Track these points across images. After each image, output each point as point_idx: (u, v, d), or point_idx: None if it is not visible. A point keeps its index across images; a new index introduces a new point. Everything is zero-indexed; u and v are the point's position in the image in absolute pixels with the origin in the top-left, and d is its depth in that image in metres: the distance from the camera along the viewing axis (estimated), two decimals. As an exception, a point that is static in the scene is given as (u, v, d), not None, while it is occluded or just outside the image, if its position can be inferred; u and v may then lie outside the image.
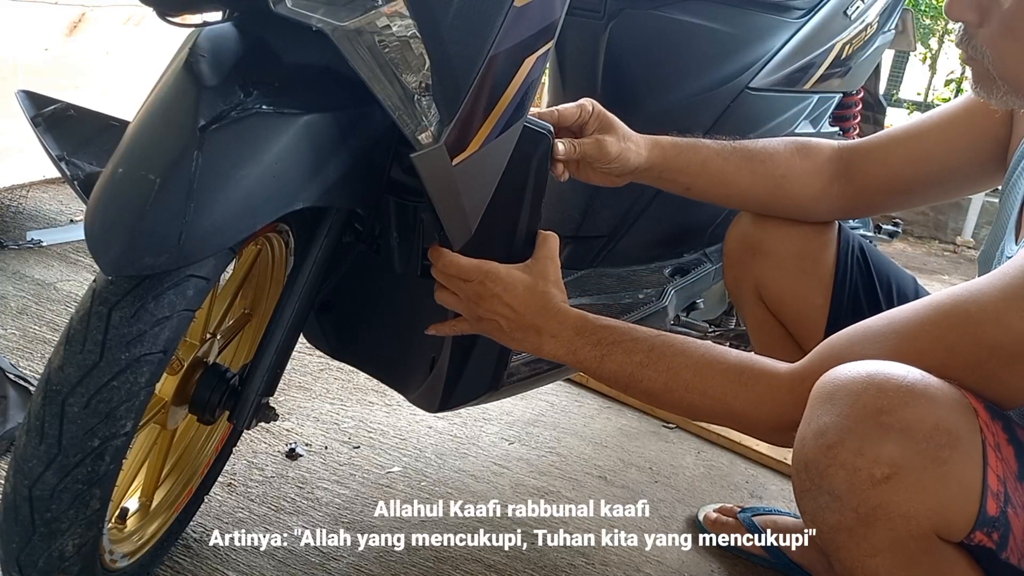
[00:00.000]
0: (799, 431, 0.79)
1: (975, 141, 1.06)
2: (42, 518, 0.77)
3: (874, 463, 0.72)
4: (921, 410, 0.73)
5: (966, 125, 1.07)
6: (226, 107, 0.77)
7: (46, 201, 2.51)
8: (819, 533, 0.79)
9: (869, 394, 0.74)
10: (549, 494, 1.44)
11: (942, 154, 1.09)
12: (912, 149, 1.11)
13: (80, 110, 0.99)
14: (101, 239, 0.74)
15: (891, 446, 0.72)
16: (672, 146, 1.13)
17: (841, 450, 0.74)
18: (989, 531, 0.74)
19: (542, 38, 0.89)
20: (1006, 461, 0.75)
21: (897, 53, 4.63)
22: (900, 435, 0.72)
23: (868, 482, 0.73)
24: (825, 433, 0.75)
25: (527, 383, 1.22)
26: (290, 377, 1.67)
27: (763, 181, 1.15)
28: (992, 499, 0.73)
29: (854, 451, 0.73)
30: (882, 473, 0.72)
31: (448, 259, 0.94)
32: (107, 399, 0.76)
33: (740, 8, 1.44)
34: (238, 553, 1.15)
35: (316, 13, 0.74)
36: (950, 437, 0.72)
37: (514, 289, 0.95)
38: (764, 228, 1.22)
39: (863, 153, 1.15)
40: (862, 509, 0.73)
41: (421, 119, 0.79)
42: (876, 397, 0.73)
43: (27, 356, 1.56)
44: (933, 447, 0.72)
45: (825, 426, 0.75)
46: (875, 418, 0.73)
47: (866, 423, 0.73)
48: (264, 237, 1.00)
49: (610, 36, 1.41)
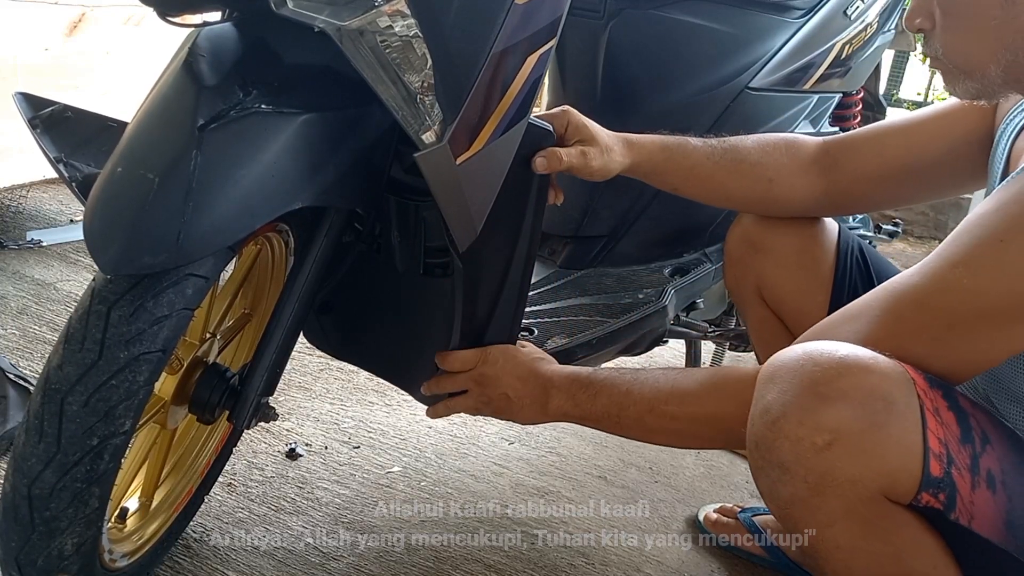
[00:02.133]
0: (749, 414, 0.83)
1: (960, 140, 1.08)
2: (41, 517, 0.77)
3: (815, 431, 0.76)
4: (855, 379, 0.77)
5: (952, 124, 1.09)
6: (225, 107, 0.77)
7: (46, 201, 2.51)
8: (777, 511, 0.83)
9: (806, 369, 0.78)
10: (549, 494, 1.44)
11: (928, 150, 1.12)
12: (900, 143, 1.13)
13: (77, 111, 0.99)
14: (100, 238, 0.74)
15: (829, 413, 0.76)
16: (660, 149, 1.15)
17: (784, 423, 0.78)
18: (935, 492, 0.77)
19: (545, 35, 0.89)
20: (947, 425, 0.78)
21: (897, 53, 4.63)
22: (837, 402, 0.76)
23: (811, 450, 0.76)
24: (769, 410, 0.79)
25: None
26: (290, 377, 1.67)
27: (752, 184, 1.18)
28: (935, 460, 0.76)
29: (796, 422, 0.77)
30: (823, 440, 0.76)
31: (452, 357, 1.05)
32: (106, 398, 0.76)
33: (740, 8, 1.43)
34: (238, 553, 1.15)
35: (317, 13, 0.74)
36: (885, 402, 0.76)
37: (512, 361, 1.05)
38: (765, 226, 1.24)
39: (849, 146, 1.18)
40: (810, 478, 0.77)
41: (424, 118, 0.79)
42: (812, 371, 0.78)
43: (27, 356, 1.56)
44: (870, 412, 0.76)
45: (769, 403, 0.79)
46: (812, 389, 0.77)
47: (804, 395, 0.77)
48: (264, 237, 1.00)
49: (610, 36, 1.41)
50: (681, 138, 1.17)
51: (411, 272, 1.06)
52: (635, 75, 1.44)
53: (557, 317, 1.31)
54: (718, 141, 1.18)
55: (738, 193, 1.19)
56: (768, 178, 1.17)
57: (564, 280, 1.44)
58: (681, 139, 1.17)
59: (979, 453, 0.79)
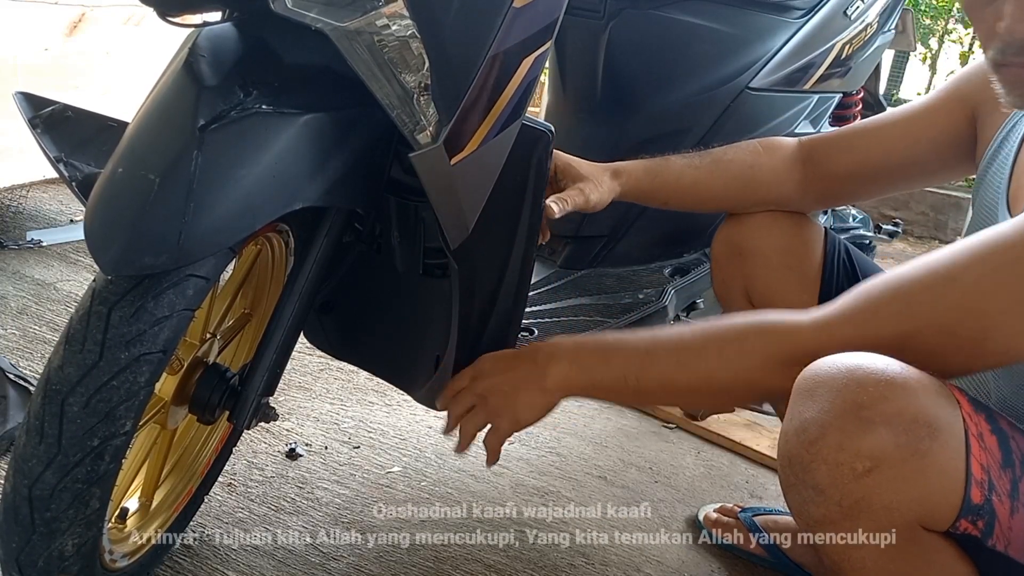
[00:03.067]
0: (783, 427, 0.81)
1: (937, 136, 1.11)
2: (42, 518, 0.77)
3: (855, 457, 0.74)
4: (900, 403, 0.74)
5: (927, 121, 1.12)
6: (226, 107, 0.77)
7: (46, 201, 2.51)
8: (806, 527, 0.81)
9: (849, 389, 0.75)
10: (549, 494, 1.44)
11: (904, 146, 1.14)
12: (875, 140, 1.16)
13: (78, 111, 0.99)
14: (101, 239, 0.74)
15: (871, 440, 0.73)
16: (644, 171, 1.18)
17: (823, 445, 0.75)
18: (974, 519, 0.75)
19: (541, 38, 0.89)
20: (989, 450, 0.76)
21: (897, 53, 4.63)
22: (880, 428, 0.73)
23: (850, 476, 0.74)
24: (807, 429, 0.76)
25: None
26: (290, 377, 1.67)
27: (735, 178, 1.20)
28: (976, 487, 0.74)
29: (835, 446, 0.74)
30: (863, 467, 0.73)
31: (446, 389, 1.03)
32: (107, 399, 0.76)
33: (740, 8, 1.44)
34: (238, 553, 1.15)
35: (316, 13, 0.74)
36: (930, 429, 0.73)
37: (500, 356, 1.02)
38: (748, 227, 1.24)
39: (827, 143, 1.21)
40: (845, 502, 0.75)
41: (420, 119, 0.79)
42: (856, 392, 0.75)
43: (27, 356, 1.56)
44: (913, 439, 0.73)
45: (807, 422, 0.76)
46: (855, 412, 0.74)
47: (846, 418, 0.74)
48: (264, 237, 1.00)
49: (610, 36, 1.41)
50: (662, 157, 1.20)
51: (411, 272, 1.06)
52: (635, 75, 1.45)
53: (557, 317, 1.31)
54: (696, 153, 1.21)
55: (724, 190, 1.21)
56: (749, 166, 1.20)
57: (564, 280, 1.44)
58: (662, 158, 1.20)
59: (1019, 477, 0.76)
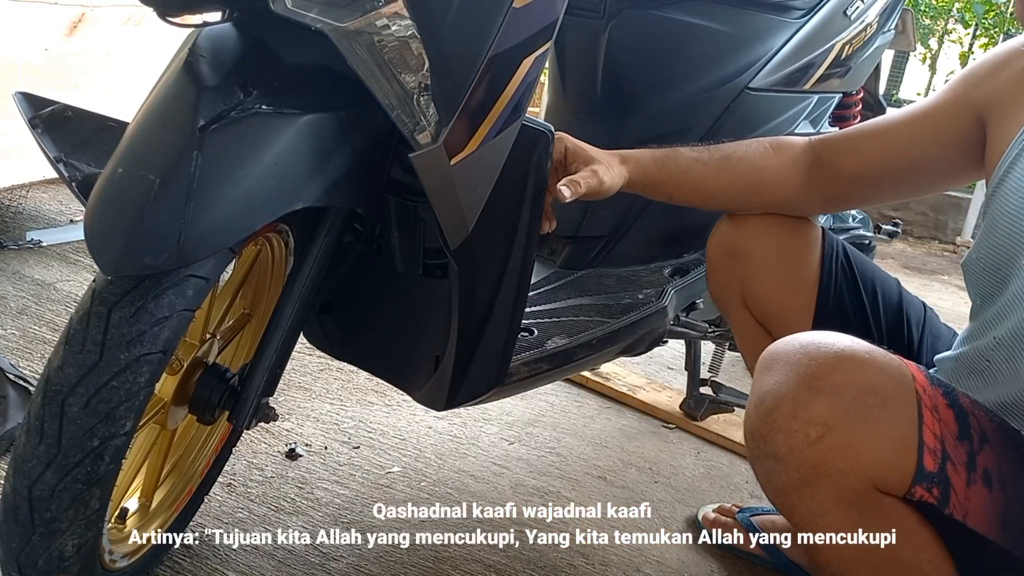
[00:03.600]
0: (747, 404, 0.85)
1: (943, 139, 1.08)
2: (42, 518, 0.77)
3: (807, 424, 0.78)
4: (849, 374, 0.78)
5: (933, 123, 1.10)
6: (226, 107, 0.77)
7: (46, 201, 2.51)
8: (773, 498, 0.85)
9: (802, 363, 0.80)
10: (549, 494, 1.44)
11: (910, 149, 1.12)
12: (881, 143, 1.14)
13: (78, 111, 0.99)
14: (101, 239, 0.74)
15: (821, 407, 0.77)
16: (652, 161, 1.16)
17: (778, 415, 0.79)
18: (929, 486, 0.78)
19: (541, 38, 0.89)
20: (944, 422, 0.79)
21: (897, 53, 4.64)
22: (829, 397, 0.77)
23: (804, 442, 0.78)
24: (764, 401, 0.81)
25: (527, 383, 1.22)
26: (290, 377, 1.67)
27: (742, 178, 1.18)
28: (929, 455, 0.77)
29: (789, 415, 0.79)
30: (816, 433, 0.77)
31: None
32: (107, 399, 0.76)
33: (740, 8, 1.44)
34: (238, 553, 1.15)
35: (315, 13, 0.74)
36: (879, 397, 0.78)
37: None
38: (744, 229, 1.22)
39: (834, 145, 1.19)
40: (803, 468, 0.79)
41: (419, 119, 0.79)
42: (808, 364, 0.79)
43: (27, 356, 1.56)
44: (862, 407, 0.77)
45: (764, 395, 0.81)
46: (807, 383, 0.79)
47: (799, 388, 0.79)
48: (264, 237, 1.00)
49: (610, 36, 1.41)
50: (670, 148, 1.18)
51: (411, 272, 1.06)
52: (635, 75, 1.44)
53: (557, 317, 1.31)
54: (705, 147, 1.19)
55: (730, 189, 1.19)
56: (758, 167, 1.18)
57: (564, 280, 1.44)
58: (671, 149, 1.18)
59: (976, 451, 0.80)
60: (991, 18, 5.37)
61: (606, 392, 1.90)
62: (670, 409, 1.84)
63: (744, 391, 1.78)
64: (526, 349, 1.19)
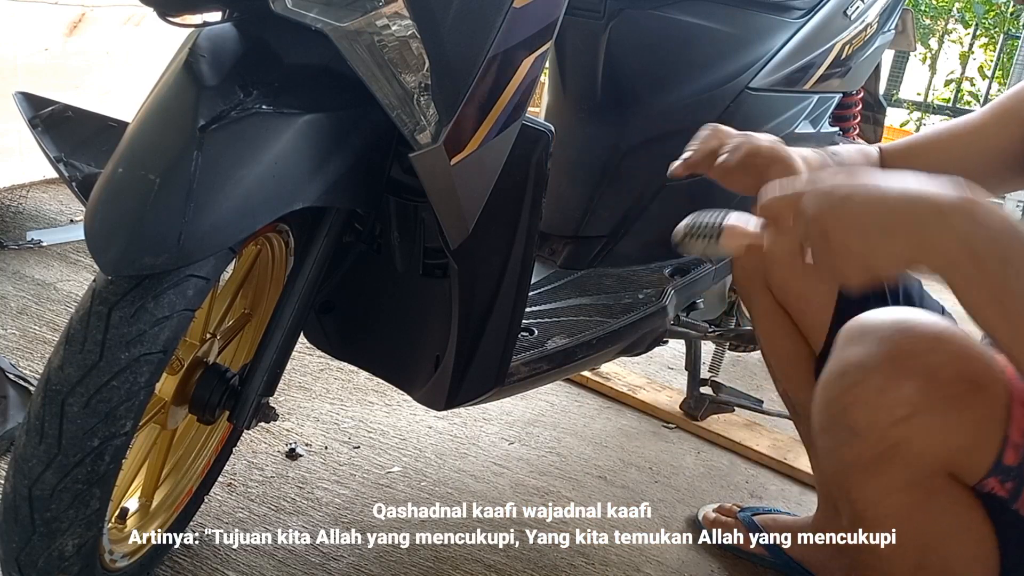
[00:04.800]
0: (823, 375, 0.81)
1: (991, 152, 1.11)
2: (42, 518, 0.77)
3: (896, 402, 0.75)
4: (947, 356, 0.76)
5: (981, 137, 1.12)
6: (226, 107, 0.77)
7: (46, 201, 2.51)
8: (833, 472, 0.82)
9: (896, 338, 0.77)
10: (549, 494, 1.44)
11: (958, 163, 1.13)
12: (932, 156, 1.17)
13: (78, 111, 0.99)
14: (101, 239, 0.74)
15: (913, 387, 0.75)
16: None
17: (864, 388, 0.77)
18: (1003, 479, 0.76)
19: (541, 38, 0.89)
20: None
21: (897, 53, 4.63)
22: (923, 377, 0.75)
23: (888, 419, 0.76)
24: (849, 372, 0.78)
25: (527, 383, 1.22)
26: (290, 377, 1.67)
27: None
28: (1011, 449, 0.75)
29: (876, 389, 0.76)
30: (903, 412, 0.75)
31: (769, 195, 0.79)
32: (107, 399, 0.76)
33: (740, 8, 1.44)
34: (238, 553, 1.15)
35: (316, 13, 0.74)
36: (972, 385, 0.75)
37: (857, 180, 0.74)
38: None
39: (896, 154, 1.22)
40: (880, 446, 0.77)
41: (419, 119, 0.79)
42: (903, 340, 0.77)
43: (27, 356, 1.56)
44: (956, 392, 0.75)
45: (850, 365, 0.78)
46: (901, 360, 0.76)
47: (892, 363, 0.76)
48: (264, 237, 1.00)
49: (610, 36, 1.41)
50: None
51: (411, 272, 1.06)
52: (635, 75, 1.44)
53: (557, 317, 1.31)
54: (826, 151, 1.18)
55: None
56: None
57: (564, 280, 1.44)
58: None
59: None
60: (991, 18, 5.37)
61: (606, 392, 1.90)
62: (670, 409, 1.84)
63: (744, 391, 1.78)
64: (526, 349, 1.19)
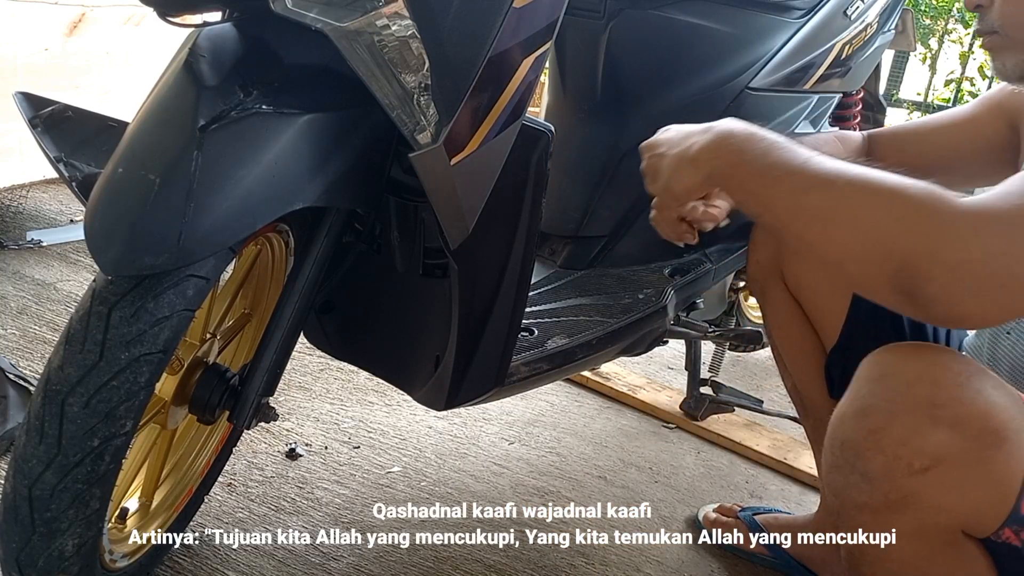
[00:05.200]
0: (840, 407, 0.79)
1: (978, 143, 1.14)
2: (42, 518, 0.77)
3: (916, 453, 0.73)
4: (974, 408, 0.73)
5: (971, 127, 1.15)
6: (226, 107, 0.77)
7: (46, 201, 2.51)
8: (841, 508, 0.80)
9: (923, 384, 0.74)
10: (549, 494, 1.44)
11: (947, 152, 1.18)
12: (923, 145, 1.20)
13: (78, 111, 0.99)
14: (101, 239, 0.74)
15: (937, 440, 0.72)
16: None
17: (884, 435, 0.74)
18: (1018, 529, 0.74)
19: (541, 38, 0.89)
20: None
21: (897, 53, 4.63)
22: (948, 430, 0.72)
23: (906, 471, 0.73)
24: (870, 415, 0.75)
25: (527, 383, 1.22)
26: (290, 377, 1.67)
27: None
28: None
29: (898, 439, 0.73)
30: (922, 464, 0.73)
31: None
32: (107, 399, 0.76)
33: (740, 8, 1.44)
34: (238, 553, 1.15)
35: (316, 13, 0.74)
36: (997, 437, 0.72)
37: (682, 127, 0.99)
38: None
39: (884, 141, 1.24)
40: (893, 495, 0.74)
41: (419, 119, 0.79)
42: (930, 388, 0.74)
43: (27, 356, 1.56)
44: (979, 446, 0.72)
45: (871, 408, 0.75)
46: (926, 410, 0.73)
47: (916, 413, 0.73)
48: (264, 237, 1.00)
49: (610, 36, 1.41)
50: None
51: (410, 272, 1.06)
52: (635, 75, 1.44)
53: (557, 317, 1.31)
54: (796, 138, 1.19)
55: None
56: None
57: (564, 280, 1.44)
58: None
59: None
60: (991, 18, 5.35)
61: (606, 392, 1.90)
62: (670, 409, 1.84)
63: (744, 391, 1.78)
64: (526, 349, 1.19)
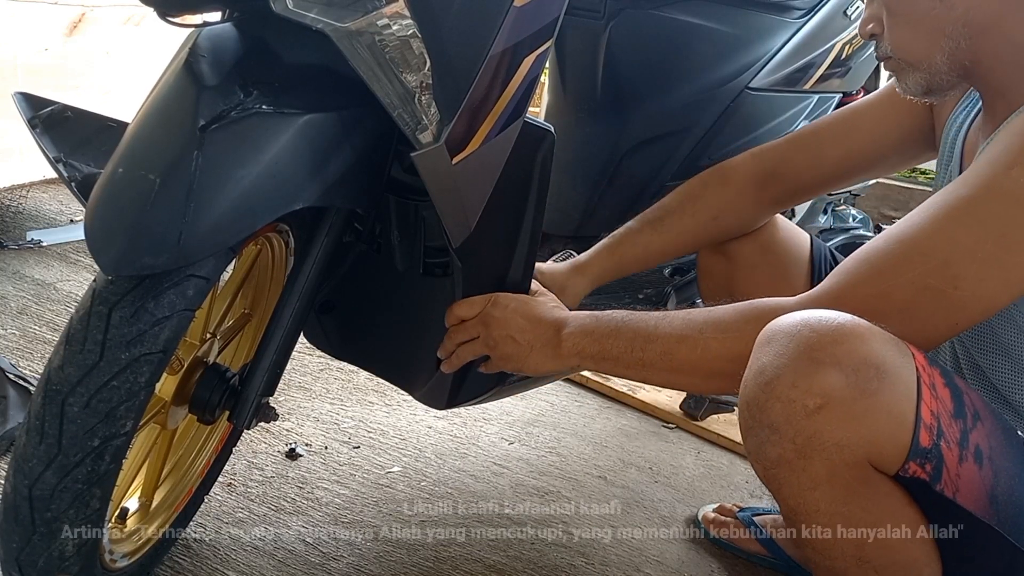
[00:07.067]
0: (744, 376, 0.84)
1: (902, 130, 1.15)
2: (42, 518, 0.77)
3: (807, 394, 0.77)
4: (851, 345, 0.78)
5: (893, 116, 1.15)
6: (226, 107, 0.77)
7: (46, 201, 2.51)
8: (763, 471, 0.84)
9: (803, 334, 0.79)
10: (549, 494, 1.44)
11: (872, 147, 1.18)
12: (843, 147, 1.19)
13: (77, 111, 0.99)
14: (101, 239, 0.74)
15: (822, 378, 0.77)
16: (608, 257, 1.20)
17: (777, 384, 0.79)
18: (922, 462, 0.78)
19: (542, 37, 0.89)
20: (941, 400, 0.80)
21: (897, 53, 4.62)
22: (830, 368, 0.77)
23: (802, 412, 0.78)
24: (763, 371, 0.80)
25: (527, 383, 1.22)
26: (290, 377, 1.67)
27: (702, 230, 1.23)
28: (925, 431, 0.78)
29: (789, 384, 0.78)
30: (815, 403, 0.77)
31: (459, 303, 1.02)
32: (107, 399, 0.76)
33: (740, 8, 1.44)
34: (238, 553, 1.15)
35: (316, 13, 0.74)
36: (879, 371, 0.77)
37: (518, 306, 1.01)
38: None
39: (787, 157, 1.22)
40: (799, 439, 0.79)
41: (421, 118, 0.79)
42: (808, 336, 0.79)
43: (27, 356, 1.56)
44: (862, 379, 0.77)
45: (764, 365, 0.81)
46: (808, 354, 0.78)
47: (800, 358, 0.78)
48: (264, 237, 1.00)
49: (610, 36, 1.41)
50: (621, 231, 1.22)
51: (411, 272, 1.06)
52: (635, 75, 1.44)
53: (557, 317, 1.31)
54: (651, 212, 1.22)
55: (695, 243, 1.25)
56: (712, 217, 1.22)
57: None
58: (623, 230, 1.22)
59: (969, 428, 0.81)
60: (991, 18, 5.35)
61: (606, 392, 1.91)
62: (670, 409, 1.84)
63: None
64: (526, 349, 1.19)
